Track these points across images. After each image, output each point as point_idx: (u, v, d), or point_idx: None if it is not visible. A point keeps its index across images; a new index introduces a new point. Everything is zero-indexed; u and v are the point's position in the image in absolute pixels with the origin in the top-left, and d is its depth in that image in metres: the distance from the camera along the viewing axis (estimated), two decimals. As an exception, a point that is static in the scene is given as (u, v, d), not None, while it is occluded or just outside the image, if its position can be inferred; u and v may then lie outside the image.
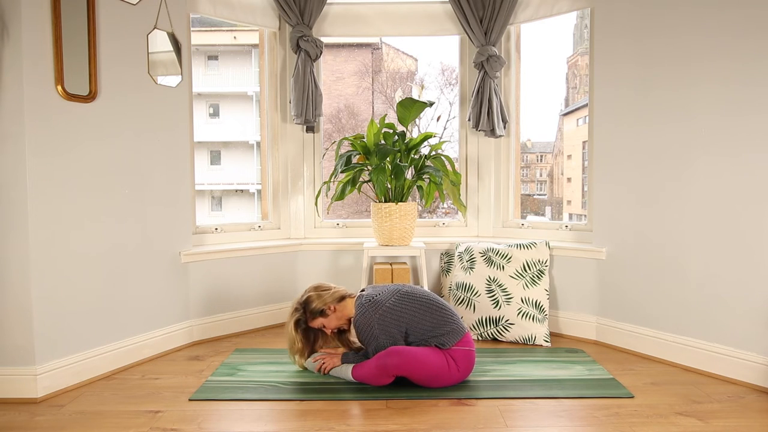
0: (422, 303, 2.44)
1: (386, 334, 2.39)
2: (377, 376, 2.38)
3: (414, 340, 2.43)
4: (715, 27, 2.56)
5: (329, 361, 2.55)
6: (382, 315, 2.40)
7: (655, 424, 2.07)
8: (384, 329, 2.39)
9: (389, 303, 2.42)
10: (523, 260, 3.14)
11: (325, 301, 2.53)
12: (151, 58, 2.45)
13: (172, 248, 3.01)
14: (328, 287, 2.59)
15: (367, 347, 2.47)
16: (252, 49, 10.43)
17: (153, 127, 2.87)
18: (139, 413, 2.19)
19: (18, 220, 2.30)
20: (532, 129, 7.26)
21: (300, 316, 2.56)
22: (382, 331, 2.39)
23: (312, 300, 2.55)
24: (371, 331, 2.40)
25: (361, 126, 6.87)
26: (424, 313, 2.42)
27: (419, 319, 2.41)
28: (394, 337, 2.40)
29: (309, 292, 2.58)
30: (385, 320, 2.39)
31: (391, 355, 2.34)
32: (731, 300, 2.53)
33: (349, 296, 2.58)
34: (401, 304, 2.42)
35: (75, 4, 2.46)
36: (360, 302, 2.48)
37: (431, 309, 2.43)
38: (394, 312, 2.40)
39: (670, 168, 2.75)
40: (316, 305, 2.53)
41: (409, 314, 2.41)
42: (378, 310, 2.41)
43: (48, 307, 2.38)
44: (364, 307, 2.44)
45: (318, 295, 2.55)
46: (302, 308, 2.56)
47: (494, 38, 3.49)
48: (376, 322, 2.39)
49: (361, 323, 2.44)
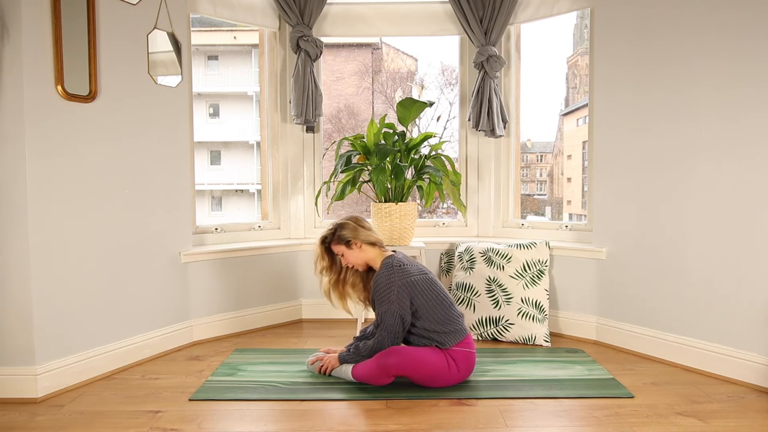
0: (439, 295, 2.44)
1: (400, 303, 2.37)
2: (377, 376, 2.38)
3: (416, 329, 2.42)
4: (715, 27, 2.56)
5: (328, 362, 2.55)
6: (405, 285, 2.38)
7: (655, 424, 2.07)
8: (400, 298, 2.37)
9: (415, 278, 2.41)
10: (523, 260, 3.14)
11: (356, 235, 2.52)
12: (151, 58, 2.45)
13: (172, 248, 3.01)
14: (368, 227, 2.58)
15: (377, 306, 2.44)
16: (252, 49, 10.43)
17: (153, 127, 2.87)
18: (139, 413, 2.19)
19: (18, 220, 2.30)
20: (532, 129, 7.27)
21: (328, 234, 2.58)
22: (398, 298, 2.37)
23: (346, 227, 2.54)
24: (389, 293, 2.38)
25: (361, 126, 6.87)
26: (437, 305, 2.41)
27: (431, 309, 2.40)
28: (404, 310, 2.38)
29: (349, 220, 2.57)
30: (405, 292, 2.38)
31: (391, 355, 2.34)
32: (731, 300, 2.53)
33: (380, 248, 2.56)
34: (423, 285, 2.42)
35: (75, 4, 2.46)
36: (389, 262, 2.45)
37: (443, 305, 2.43)
38: (415, 288, 2.40)
39: (670, 168, 2.75)
40: (346, 233, 2.52)
41: (425, 298, 2.40)
42: (404, 278, 2.39)
43: (48, 307, 2.38)
44: (393, 269, 2.42)
45: (354, 227, 2.54)
46: (334, 229, 2.56)
47: (494, 38, 3.49)
48: (396, 288, 2.37)
49: (382, 281, 2.41)
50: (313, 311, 3.67)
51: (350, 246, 2.53)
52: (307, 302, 3.67)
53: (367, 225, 2.59)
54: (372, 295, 2.51)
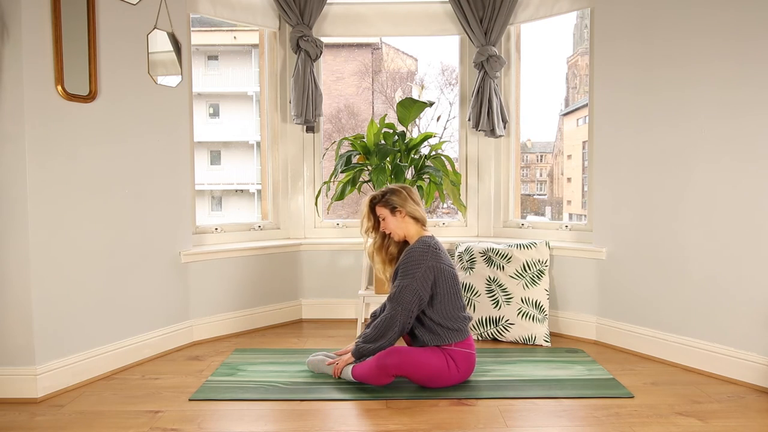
0: (457, 292, 2.45)
1: (423, 282, 2.36)
2: (377, 376, 2.38)
3: (425, 318, 2.42)
4: (716, 27, 2.55)
5: (344, 361, 2.53)
6: (434, 268, 2.39)
7: (655, 424, 2.07)
8: (425, 277, 2.37)
9: (445, 266, 2.42)
10: (523, 260, 3.14)
11: (403, 205, 2.51)
12: (151, 58, 2.45)
13: (172, 248, 3.01)
14: (417, 201, 2.56)
15: (398, 278, 2.41)
16: (252, 49, 10.44)
17: (153, 127, 2.87)
18: (139, 413, 2.19)
19: (18, 220, 2.30)
20: (532, 129, 7.27)
21: (378, 194, 2.58)
22: (423, 277, 2.36)
23: (397, 193, 2.54)
24: (417, 268, 2.37)
25: (361, 126, 6.87)
26: (452, 301, 2.42)
27: (445, 302, 2.40)
28: (424, 291, 2.37)
29: (402, 189, 2.56)
30: (431, 273, 2.38)
31: (391, 355, 2.34)
32: (731, 300, 2.53)
33: (422, 226, 2.55)
34: (449, 277, 2.42)
35: (75, 4, 2.46)
36: (427, 240, 2.45)
37: (457, 303, 2.43)
38: (442, 275, 2.40)
39: (670, 168, 2.75)
40: (394, 199, 2.52)
41: (445, 289, 2.40)
42: (436, 261, 2.40)
43: (48, 307, 2.38)
44: (429, 248, 2.41)
45: (405, 196, 2.53)
46: (384, 192, 2.56)
47: (494, 38, 3.49)
48: (425, 266, 2.37)
49: (415, 255, 2.40)
50: (313, 311, 3.67)
51: (394, 213, 2.51)
52: (307, 302, 3.67)
53: (418, 199, 2.58)
54: (397, 266, 2.47)
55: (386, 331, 2.39)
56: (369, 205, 2.59)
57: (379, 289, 3.29)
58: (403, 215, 2.51)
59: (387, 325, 2.38)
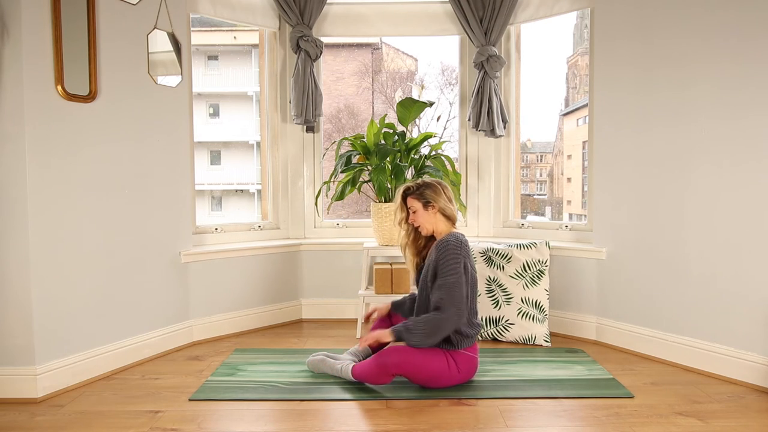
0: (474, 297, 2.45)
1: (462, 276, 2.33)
2: (377, 375, 2.37)
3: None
4: (716, 27, 2.55)
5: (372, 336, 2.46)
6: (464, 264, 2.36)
7: (655, 424, 2.07)
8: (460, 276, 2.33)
9: (470, 267, 2.41)
10: (523, 260, 3.14)
11: (436, 200, 2.48)
12: (151, 58, 2.45)
13: (172, 248, 3.01)
14: (451, 198, 2.54)
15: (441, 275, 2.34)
16: (252, 49, 10.44)
17: (153, 127, 2.87)
18: (139, 413, 2.19)
19: (18, 220, 2.30)
20: (532, 129, 7.27)
21: (412, 186, 2.55)
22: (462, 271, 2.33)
23: (432, 189, 2.50)
24: (457, 264, 2.33)
25: (361, 126, 6.88)
26: (470, 304, 2.42)
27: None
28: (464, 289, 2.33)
29: (438, 184, 2.53)
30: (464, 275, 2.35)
31: (392, 354, 2.34)
32: (731, 300, 2.53)
33: (452, 224, 2.52)
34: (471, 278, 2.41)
35: (75, 4, 2.46)
36: (458, 236, 2.42)
37: (473, 309, 2.44)
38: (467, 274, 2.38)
39: (670, 168, 2.75)
40: (428, 192, 2.49)
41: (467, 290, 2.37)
42: (467, 257, 2.38)
43: (48, 307, 2.38)
44: (462, 245, 2.39)
45: (439, 191, 2.50)
46: (420, 185, 2.53)
47: (494, 38, 3.49)
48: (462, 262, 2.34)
49: (452, 250, 2.35)
50: (313, 311, 3.67)
51: (426, 207, 2.49)
52: (307, 302, 3.67)
53: (451, 196, 2.55)
54: (429, 263, 2.44)
55: (437, 332, 2.30)
56: (402, 195, 2.56)
57: (379, 289, 3.29)
58: (435, 211, 2.48)
59: (440, 327, 2.30)
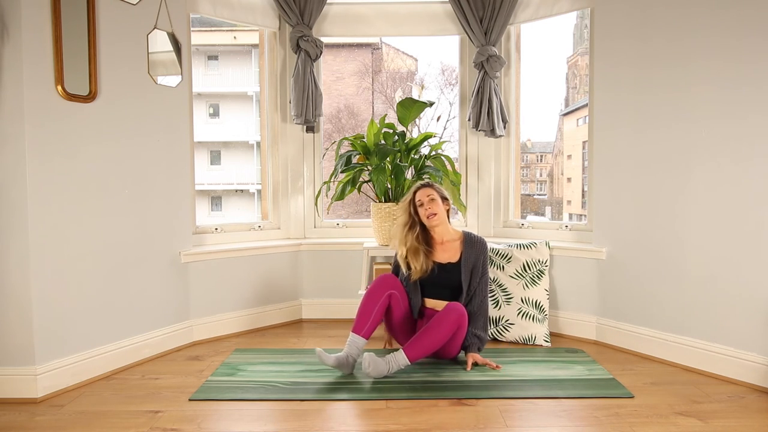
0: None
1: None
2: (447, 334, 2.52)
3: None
4: (716, 27, 2.55)
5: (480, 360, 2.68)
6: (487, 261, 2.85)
7: (655, 424, 2.07)
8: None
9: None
10: (523, 260, 3.14)
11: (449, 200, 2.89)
12: (151, 58, 2.45)
13: (172, 248, 3.01)
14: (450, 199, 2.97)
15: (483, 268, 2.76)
16: (252, 49, 10.44)
17: (153, 127, 2.87)
18: (139, 413, 2.19)
19: (18, 220, 2.30)
20: (532, 129, 7.28)
21: (429, 180, 3.01)
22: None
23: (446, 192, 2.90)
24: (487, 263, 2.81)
25: (361, 126, 6.88)
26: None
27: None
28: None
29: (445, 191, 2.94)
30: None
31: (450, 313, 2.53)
32: (731, 300, 2.53)
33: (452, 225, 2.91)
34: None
35: (75, 4, 2.46)
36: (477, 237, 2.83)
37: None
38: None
39: (670, 168, 2.75)
40: (446, 192, 2.89)
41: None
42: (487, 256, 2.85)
43: (48, 307, 2.38)
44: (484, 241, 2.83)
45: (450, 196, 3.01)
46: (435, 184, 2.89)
47: (494, 38, 3.49)
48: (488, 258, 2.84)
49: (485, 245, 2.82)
50: (313, 311, 3.67)
51: (444, 202, 2.83)
52: (307, 302, 3.67)
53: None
54: (476, 258, 2.76)
55: (486, 315, 2.78)
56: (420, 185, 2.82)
57: (379, 289, 3.29)
58: (447, 207, 2.84)
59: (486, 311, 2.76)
